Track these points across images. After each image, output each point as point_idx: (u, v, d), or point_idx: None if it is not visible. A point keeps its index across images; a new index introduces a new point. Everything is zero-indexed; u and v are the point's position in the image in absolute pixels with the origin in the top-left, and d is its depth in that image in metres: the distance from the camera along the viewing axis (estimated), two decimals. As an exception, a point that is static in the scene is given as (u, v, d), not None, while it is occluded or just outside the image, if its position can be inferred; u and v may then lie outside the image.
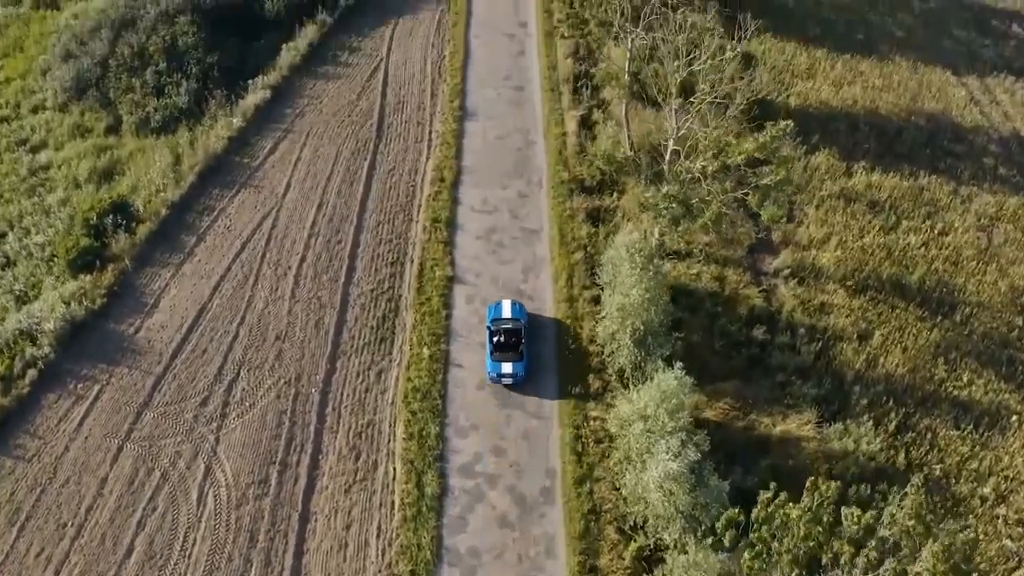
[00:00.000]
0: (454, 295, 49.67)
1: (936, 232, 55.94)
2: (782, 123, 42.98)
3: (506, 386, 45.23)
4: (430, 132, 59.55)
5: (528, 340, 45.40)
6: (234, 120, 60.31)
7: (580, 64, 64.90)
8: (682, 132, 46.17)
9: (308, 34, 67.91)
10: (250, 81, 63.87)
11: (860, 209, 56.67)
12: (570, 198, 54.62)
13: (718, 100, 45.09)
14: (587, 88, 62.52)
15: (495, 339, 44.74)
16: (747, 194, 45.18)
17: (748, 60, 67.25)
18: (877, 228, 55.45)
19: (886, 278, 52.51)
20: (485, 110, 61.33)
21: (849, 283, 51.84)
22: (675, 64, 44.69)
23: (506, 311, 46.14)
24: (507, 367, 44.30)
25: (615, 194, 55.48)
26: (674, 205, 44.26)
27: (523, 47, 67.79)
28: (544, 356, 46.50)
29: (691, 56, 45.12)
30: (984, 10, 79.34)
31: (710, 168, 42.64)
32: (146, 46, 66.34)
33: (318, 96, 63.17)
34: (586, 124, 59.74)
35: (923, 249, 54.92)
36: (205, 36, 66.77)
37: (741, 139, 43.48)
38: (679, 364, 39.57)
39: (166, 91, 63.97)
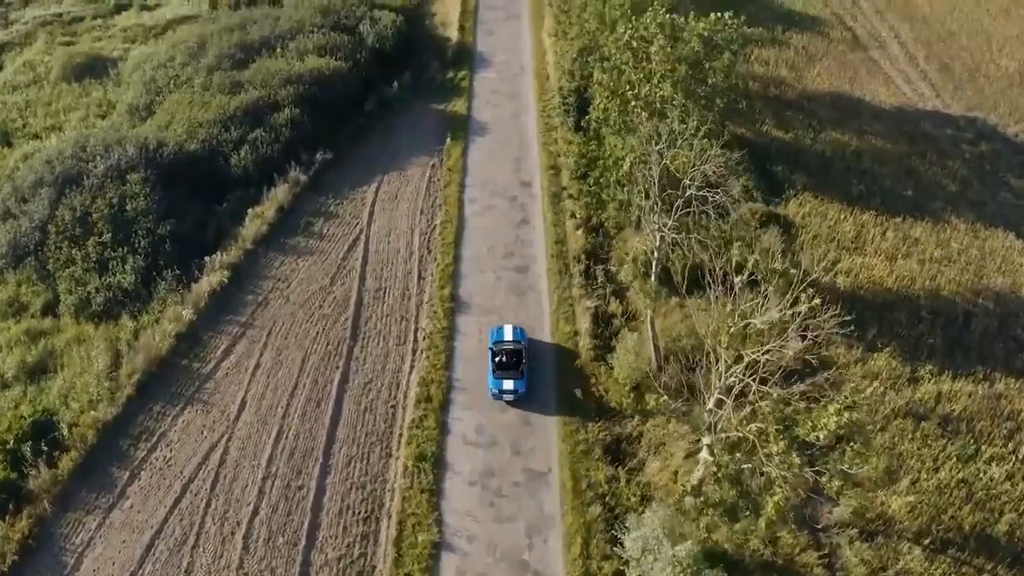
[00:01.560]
0: (441, 568, 39.63)
1: (1021, 459, 46.19)
2: (861, 391, 33.38)
3: (507, 402, 45.74)
4: (415, 330, 50.09)
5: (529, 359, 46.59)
6: (184, 312, 50.90)
7: (593, 236, 55.69)
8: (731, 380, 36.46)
9: (278, 196, 58.85)
10: (207, 258, 54.47)
11: (931, 431, 46.98)
12: (584, 426, 44.90)
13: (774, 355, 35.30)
14: (601, 267, 53.20)
15: (497, 359, 45.90)
16: (820, 472, 35.30)
17: (788, 228, 58.12)
18: (953, 458, 45.61)
19: (969, 529, 42.61)
20: (482, 301, 51.94)
21: (926, 540, 41.78)
22: (728, 325, 34.89)
23: (507, 335, 47.63)
24: (508, 384, 45.40)
25: (637, 416, 45.72)
26: (726, 484, 34.37)
27: (526, 214, 58.71)
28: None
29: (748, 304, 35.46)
30: (1040, 153, 70.64)
31: (775, 448, 32.80)
32: (90, 210, 57.14)
33: (286, 279, 53.79)
34: (601, 318, 50.17)
35: (1008, 484, 45.08)
36: (159, 199, 57.58)
37: (816, 413, 33.56)
38: None
39: (110, 267, 54.63)
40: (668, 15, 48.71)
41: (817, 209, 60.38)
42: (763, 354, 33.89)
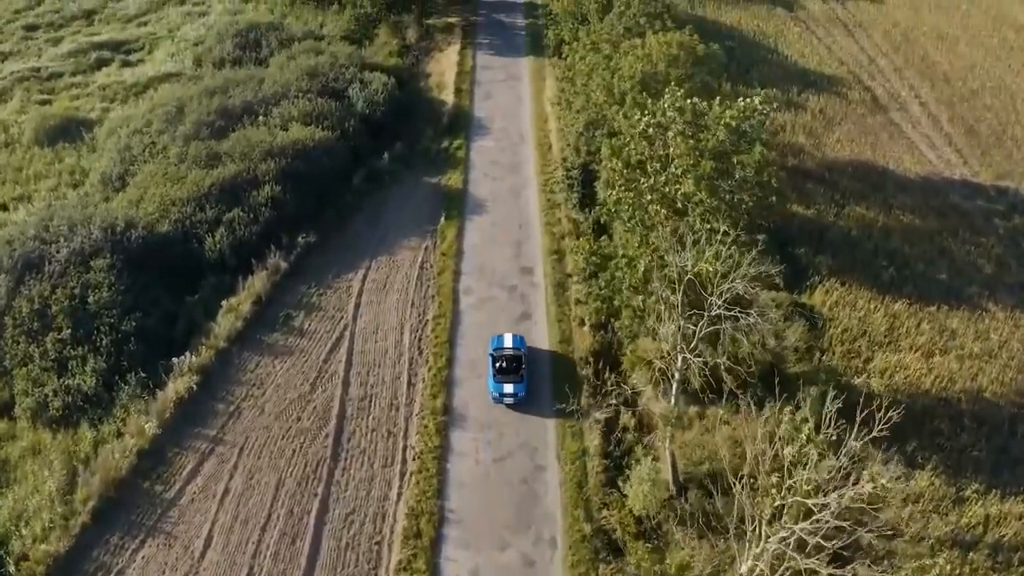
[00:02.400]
0: None
1: (1081, 597, 40.90)
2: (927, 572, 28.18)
3: (508, 405, 46.35)
4: (404, 449, 44.81)
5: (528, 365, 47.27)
6: (147, 424, 45.74)
7: (601, 333, 50.48)
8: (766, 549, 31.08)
9: (255, 286, 53.75)
10: (175, 360, 49.26)
11: (981, 563, 41.81)
12: (594, 567, 39.52)
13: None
14: (611, 372, 47.92)
15: (497, 364, 46.69)
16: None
17: (814, 321, 53.02)
18: (1008, 594, 40.43)
19: None
20: (478, 413, 46.74)
21: None
22: (773, 498, 29.65)
23: (507, 343, 48.33)
24: (508, 387, 46.04)
25: (655, 551, 40.36)
26: None
27: (527, 306, 53.57)
28: None
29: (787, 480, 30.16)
30: (1079, 228, 65.68)
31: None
32: (49, 302, 51.96)
33: (261, 383, 48.56)
34: (613, 437, 44.95)
35: (1069, 628, 39.82)
36: (124, 288, 52.51)
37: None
38: None
39: (69, 367, 49.45)
40: (690, 100, 43.47)
41: (845, 298, 55.41)
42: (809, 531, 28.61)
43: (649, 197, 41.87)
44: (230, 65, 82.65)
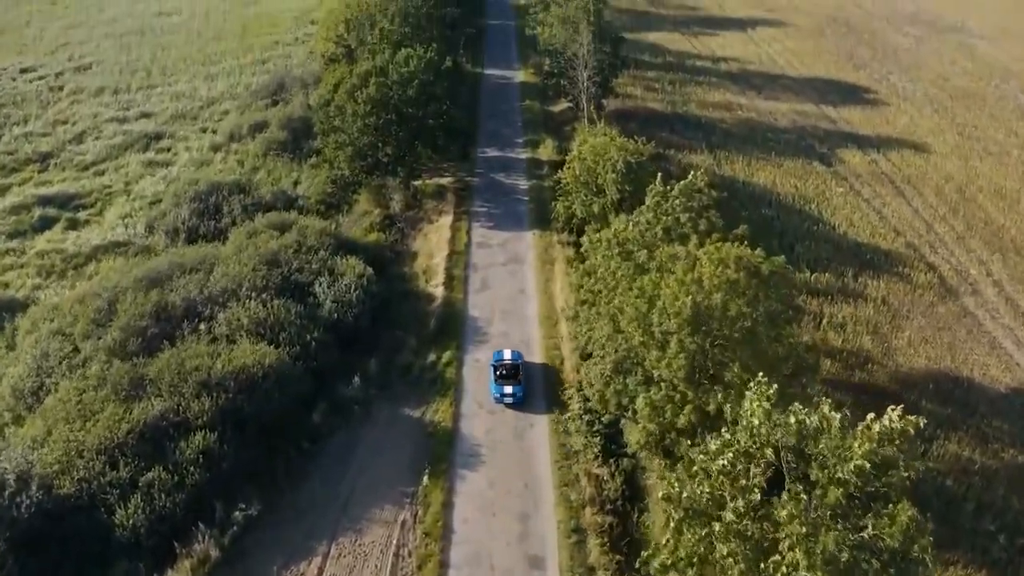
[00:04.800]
0: None
1: None
2: None
3: (507, 405, 50.14)
4: None
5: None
6: None
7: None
8: None
9: (173, 587, 39.91)
10: None
11: None
12: None
13: None
14: None
15: (498, 372, 51.69)
16: None
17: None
18: None
19: None
20: None
21: None
22: None
23: (507, 356, 53.39)
24: (508, 389, 50.66)
25: None
26: None
27: (537, 621, 39.61)
28: None
29: None
30: None
31: None
32: (-103, 613, 38.27)
33: None
34: None
35: None
36: (4, 586, 38.95)
37: None
38: None
39: None
40: (795, 418, 29.91)
41: (955, 592, 41.64)
42: None
43: (726, 549, 28.36)
44: (184, 236, 71.06)
